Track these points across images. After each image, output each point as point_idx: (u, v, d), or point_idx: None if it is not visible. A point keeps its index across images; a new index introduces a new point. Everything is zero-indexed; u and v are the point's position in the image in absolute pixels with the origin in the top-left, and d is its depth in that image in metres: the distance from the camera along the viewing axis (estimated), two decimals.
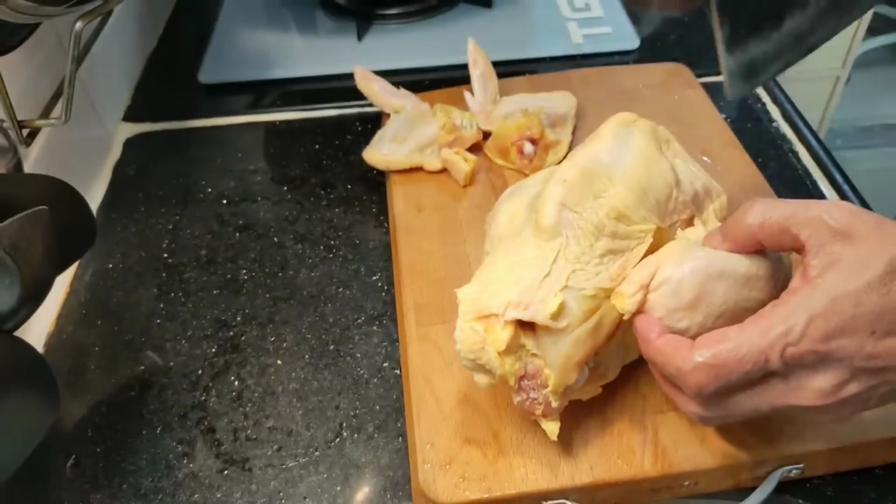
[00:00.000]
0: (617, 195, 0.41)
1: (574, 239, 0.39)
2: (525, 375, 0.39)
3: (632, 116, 0.45)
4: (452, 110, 0.64)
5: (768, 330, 0.35)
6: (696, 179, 0.45)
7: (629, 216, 0.41)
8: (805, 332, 0.34)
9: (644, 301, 0.39)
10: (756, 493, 0.43)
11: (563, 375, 0.39)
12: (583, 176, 0.41)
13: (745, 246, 0.39)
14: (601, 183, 0.41)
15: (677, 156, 0.46)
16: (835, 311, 0.34)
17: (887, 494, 0.44)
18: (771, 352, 0.34)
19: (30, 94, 0.57)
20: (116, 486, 0.46)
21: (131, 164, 0.70)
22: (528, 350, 0.39)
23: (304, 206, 0.64)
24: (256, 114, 0.75)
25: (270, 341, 0.54)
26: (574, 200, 0.40)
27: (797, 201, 0.38)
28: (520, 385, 0.40)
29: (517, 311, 0.38)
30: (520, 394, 0.40)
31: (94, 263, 0.60)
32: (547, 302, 0.38)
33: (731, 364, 0.35)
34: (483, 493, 0.41)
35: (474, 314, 0.39)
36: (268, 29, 0.85)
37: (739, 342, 0.35)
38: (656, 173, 0.42)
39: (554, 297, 0.38)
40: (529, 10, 0.86)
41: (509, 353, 0.39)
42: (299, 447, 0.47)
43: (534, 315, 0.38)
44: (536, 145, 0.60)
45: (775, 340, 0.34)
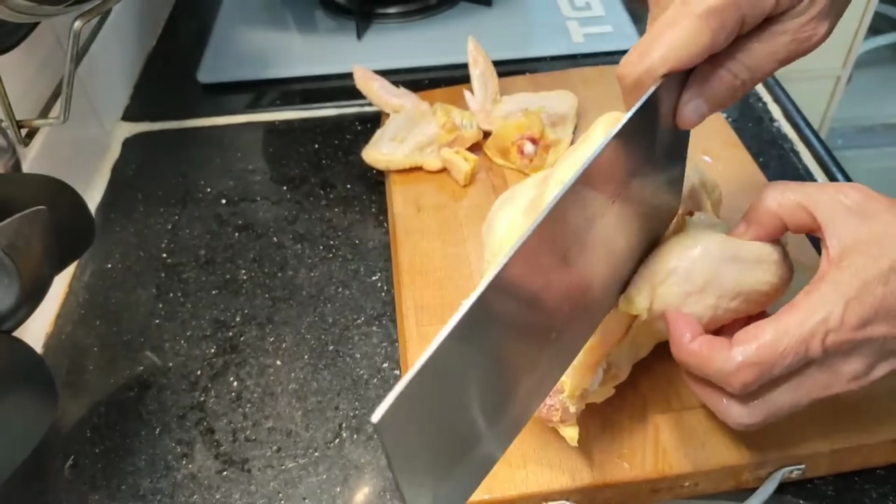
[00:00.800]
0: None
1: None
2: None
3: (620, 115, 0.44)
4: (452, 110, 0.63)
5: (806, 319, 0.34)
6: (690, 174, 0.45)
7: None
8: (844, 317, 0.34)
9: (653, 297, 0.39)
10: (757, 493, 0.42)
11: (577, 380, 0.39)
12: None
13: (770, 228, 0.39)
14: None
15: None
16: (869, 293, 0.34)
17: (888, 495, 0.44)
18: (812, 340, 0.34)
19: (28, 94, 0.57)
20: (115, 486, 0.46)
21: (130, 163, 0.69)
22: None
23: (304, 205, 0.64)
24: (255, 113, 0.74)
25: (270, 342, 0.54)
26: None
27: (811, 183, 0.38)
28: None
29: None
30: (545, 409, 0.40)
31: (92, 263, 0.60)
32: None
33: (773, 358, 0.35)
34: (483, 494, 0.41)
35: None
36: (267, 28, 0.85)
37: (778, 334, 0.35)
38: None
39: None
40: (529, 10, 0.86)
41: None
42: (298, 448, 0.47)
43: None
44: (537, 145, 0.60)
45: (816, 328, 0.34)
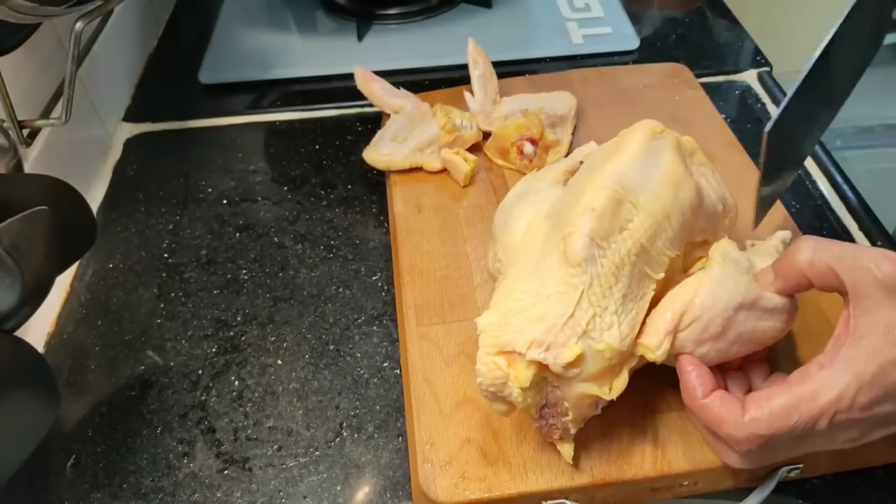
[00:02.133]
0: (641, 226, 0.39)
1: (597, 279, 0.38)
2: (546, 404, 0.39)
3: (659, 126, 0.43)
4: (452, 110, 0.64)
5: (818, 396, 0.35)
6: (717, 199, 0.44)
7: (649, 249, 0.39)
8: (855, 400, 0.35)
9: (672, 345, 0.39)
10: (756, 493, 0.43)
11: (578, 412, 0.39)
12: (611, 201, 0.39)
13: (795, 284, 0.39)
14: (627, 210, 0.39)
15: (702, 167, 0.45)
16: (883, 377, 0.34)
17: (887, 495, 0.44)
18: (822, 419, 0.35)
19: (30, 95, 0.57)
20: (117, 485, 0.46)
21: (131, 164, 0.70)
22: (550, 381, 0.39)
23: (305, 206, 0.64)
24: (256, 114, 0.75)
25: (271, 341, 0.54)
26: (602, 233, 0.38)
27: (848, 245, 0.38)
28: (541, 413, 0.40)
29: (539, 351, 0.37)
30: (540, 421, 0.40)
31: (94, 263, 0.60)
32: (568, 346, 0.37)
33: (781, 431, 0.36)
34: (483, 493, 0.41)
35: (496, 348, 0.38)
36: (268, 29, 0.85)
37: (790, 409, 0.36)
38: (683, 197, 0.41)
39: (574, 344, 0.37)
40: (529, 11, 0.86)
41: (532, 388, 0.38)
42: (299, 447, 0.48)
43: (553, 360, 0.37)
44: (536, 145, 0.60)
45: (826, 408, 0.35)
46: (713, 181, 0.45)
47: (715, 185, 0.44)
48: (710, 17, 0.84)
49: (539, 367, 0.37)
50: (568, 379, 0.38)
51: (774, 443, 0.37)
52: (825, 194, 0.62)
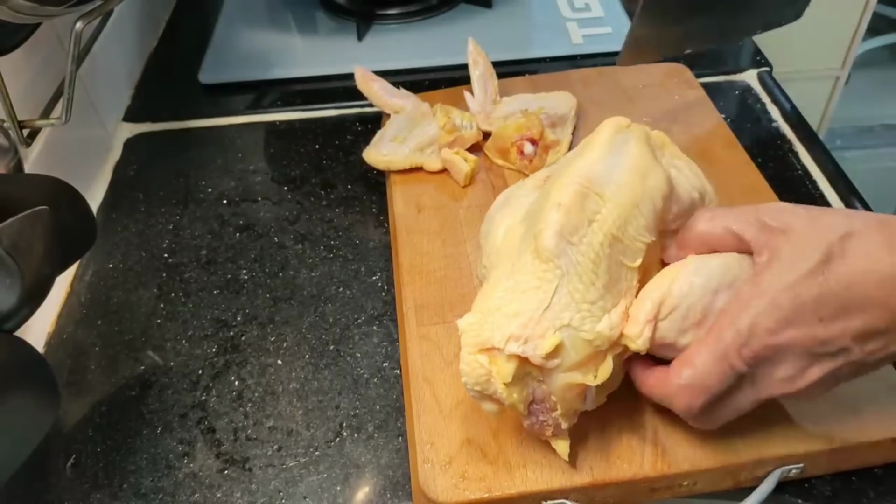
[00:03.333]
0: (609, 216, 0.39)
1: (577, 275, 0.38)
2: (534, 400, 0.39)
3: (625, 121, 0.44)
4: (452, 110, 0.64)
5: (720, 339, 0.37)
6: (692, 188, 0.44)
7: (621, 238, 0.39)
8: (751, 331, 0.36)
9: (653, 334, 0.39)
10: (756, 493, 0.43)
11: (565, 404, 0.39)
12: (577, 195, 0.39)
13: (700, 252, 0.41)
14: (593, 202, 0.40)
15: (674, 160, 0.45)
16: (775, 305, 0.36)
17: (887, 494, 0.44)
18: (731, 358, 0.37)
19: (30, 95, 0.57)
20: (117, 485, 0.46)
21: (132, 164, 0.70)
22: (535, 376, 0.39)
23: (305, 206, 0.64)
24: (257, 114, 0.75)
25: (271, 341, 0.54)
26: (571, 227, 0.39)
27: (739, 207, 0.40)
28: (529, 410, 0.40)
29: (517, 344, 0.37)
30: (530, 418, 0.40)
31: (94, 263, 0.60)
32: (545, 338, 0.37)
33: (706, 381, 0.37)
34: (483, 493, 0.41)
35: (477, 346, 0.38)
36: (268, 29, 0.85)
37: (703, 359, 0.37)
38: (651, 185, 0.41)
39: (552, 334, 0.37)
40: (529, 10, 0.86)
41: (516, 383, 0.38)
42: (299, 447, 0.48)
43: (532, 352, 0.37)
44: (536, 145, 0.60)
45: (729, 346, 0.37)
46: (688, 172, 0.45)
47: (690, 175, 0.45)
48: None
49: (520, 361, 0.38)
50: (550, 370, 0.38)
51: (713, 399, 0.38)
52: (825, 194, 0.62)
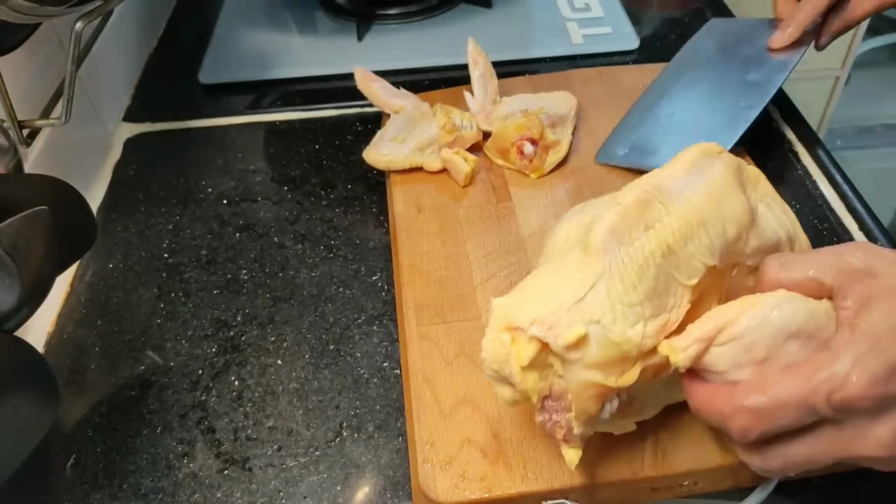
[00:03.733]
0: (669, 226, 0.37)
1: (618, 274, 0.37)
2: (549, 396, 0.38)
3: (717, 147, 0.42)
4: (452, 110, 0.64)
5: (811, 375, 0.33)
6: (780, 227, 0.42)
7: (678, 252, 0.37)
8: (851, 374, 0.33)
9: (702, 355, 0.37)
10: (756, 492, 0.43)
11: (580, 404, 0.37)
12: (639, 200, 0.38)
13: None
14: (656, 211, 0.38)
15: (766, 197, 0.43)
16: (880, 350, 0.33)
17: (887, 494, 0.44)
18: (815, 397, 0.33)
19: (30, 95, 0.57)
20: (116, 485, 0.46)
21: (131, 164, 0.70)
22: (556, 371, 0.37)
23: (305, 206, 0.64)
24: (256, 114, 0.75)
25: (271, 341, 0.54)
26: (625, 228, 0.37)
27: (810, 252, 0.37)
28: (543, 405, 0.38)
29: (541, 329, 0.36)
30: (542, 413, 0.39)
31: (94, 263, 0.60)
32: (571, 328, 0.36)
33: (772, 408, 0.34)
34: (483, 493, 0.41)
35: (503, 324, 0.37)
36: (268, 29, 0.85)
37: (781, 387, 0.34)
38: (727, 210, 0.38)
39: (578, 326, 0.36)
40: (529, 10, 0.86)
41: (533, 369, 0.37)
42: (299, 447, 0.48)
43: (553, 339, 0.36)
44: (536, 146, 0.60)
45: (819, 385, 0.33)
46: (780, 212, 0.43)
47: (781, 216, 0.42)
48: (709, 17, 0.85)
49: (541, 346, 0.36)
50: (570, 364, 0.37)
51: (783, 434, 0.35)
52: (825, 194, 0.62)
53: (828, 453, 0.35)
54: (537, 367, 0.37)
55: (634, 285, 0.36)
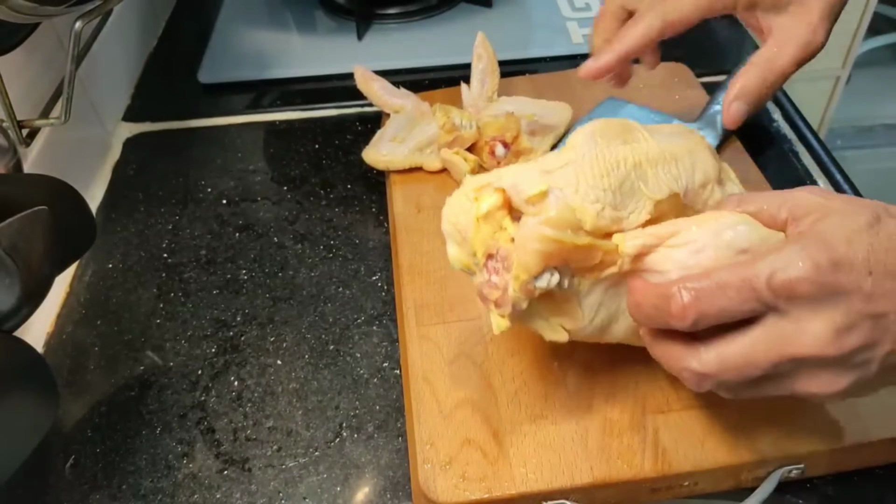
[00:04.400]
0: (643, 147, 0.40)
1: (589, 163, 0.38)
2: (495, 255, 0.38)
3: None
4: (452, 110, 0.63)
5: (755, 262, 0.33)
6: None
7: (646, 169, 0.39)
8: (795, 260, 0.33)
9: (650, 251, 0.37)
10: (757, 493, 0.43)
11: (524, 257, 0.37)
12: (623, 123, 0.41)
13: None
14: (636, 135, 0.40)
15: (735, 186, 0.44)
16: (826, 246, 0.33)
17: (888, 494, 0.44)
18: (757, 280, 0.33)
19: (29, 94, 0.57)
20: (116, 486, 0.46)
21: (131, 163, 0.70)
22: (508, 234, 0.38)
23: (304, 205, 0.64)
24: (256, 113, 0.75)
25: (270, 341, 0.54)
26: (606, 135, 0.40)
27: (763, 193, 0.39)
28: (486, 263, 0.39)
29: (506, 183, 0.38)
30: (483, 273, 0.39)
31: (93, 263, 0.60)
32: (535, 187, 0.37)
33: (712, 288, 0.34)
34: (483, 494, 0.41)
35: (472, 188, 0.40)
36: (267, 29, 0.85)
37: (723, 272, 0.34)
38: (699, 158, 0.41)
39: (543, 185, 0.37)
40: (529, 10, 0.86)
41: (488, 222, 0.38)
42: (299, 447, 0.47)
43: (516, 192, 0.38)
44: (508, 149, 0.60)
45: (761, 269, 0.33)
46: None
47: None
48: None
49: (502, 204, 0.38)
50: (525, 218, 0.38)
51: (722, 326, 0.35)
52: None
53: (766, 352, 0.34)
54: (492, 223, 0.38)
55: (602, 176, 0.38)
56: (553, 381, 0.46)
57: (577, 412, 0.44)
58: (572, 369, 0.46)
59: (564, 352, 0.47)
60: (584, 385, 0.46)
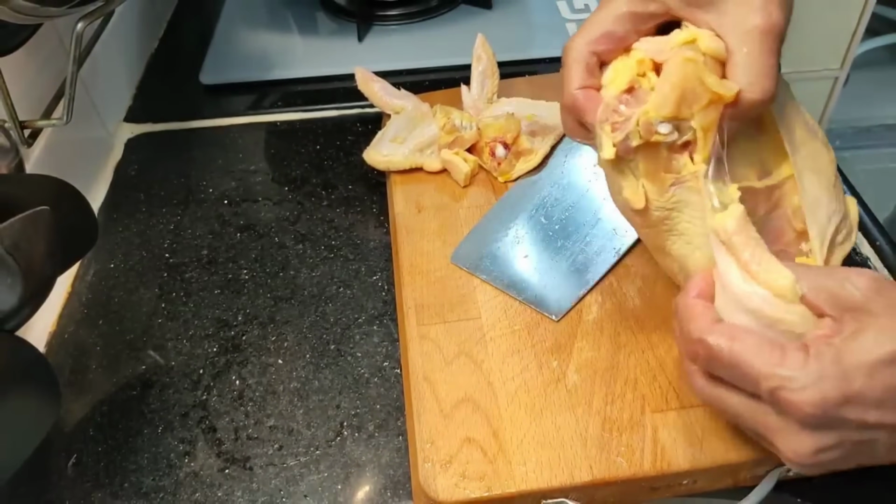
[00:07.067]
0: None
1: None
2: (634, 91, 0.41)
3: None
4: (452, 111, 0.64)
5: (776, 363, 0.34)
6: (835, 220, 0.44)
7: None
8: (807, 386, 0.33)
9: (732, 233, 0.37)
10: (755, 491, 0.43)
11: (656, 101, 0.40)
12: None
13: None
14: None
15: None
16: (844, 380, 0.33)
17: (887, 493, 0.44)
18: (765, 382, 0.34)
19: (31, 95, 0.57)
20: (118, 484, 0.46)
21: (133, 164, 0.70)
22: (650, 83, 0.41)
23: (305, 206, 0.64)
24: (257, 114, 0.75)
25: (271, 341, 0.54)
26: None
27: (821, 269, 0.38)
28: (621, 95, 0.41)
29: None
30: (614, 101, 0.41)
31: (95, 263, 0.60)
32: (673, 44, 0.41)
33: (725, 359, 0.35)
34: (483, 492, 0.41)
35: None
36: (268, 30, 0.85)
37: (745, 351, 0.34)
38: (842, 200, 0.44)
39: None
40: (529, 12, 0.86)
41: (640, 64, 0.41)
42: (300, 446, 0.48)
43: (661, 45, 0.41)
44: (509, 150, 0.60)
45: (774, 375, 0.34)
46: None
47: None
48: None
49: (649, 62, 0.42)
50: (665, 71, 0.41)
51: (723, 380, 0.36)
52: None
53: (752, 423, 0.36)
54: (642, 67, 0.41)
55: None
56: (553, 380, 0.46)
57: (577, 411, 0.44)
58: (572, 368, 0.47)
59: (564, 351, 0.48)
60: (583, 384, 0.46)
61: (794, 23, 0.69)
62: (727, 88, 0.39)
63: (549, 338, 0.49)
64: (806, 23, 1.16)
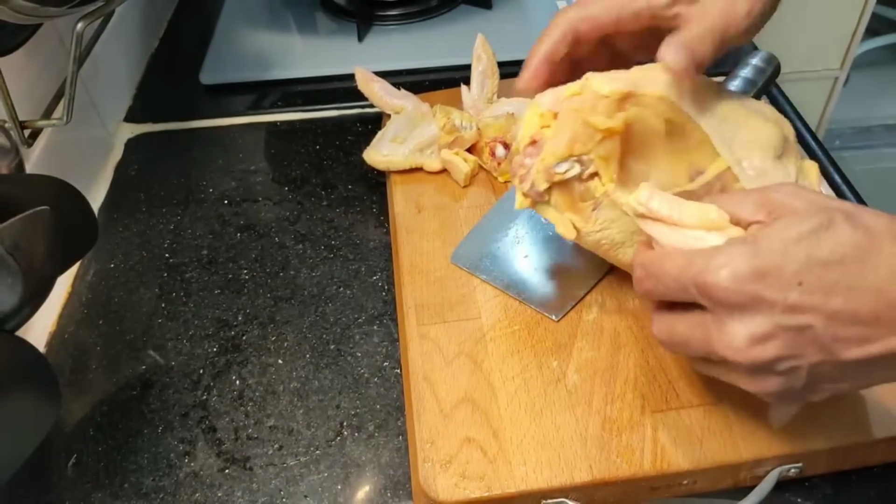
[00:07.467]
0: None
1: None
2: (535, 142, 0.44)
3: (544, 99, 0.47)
4: (452, 111, 0.64)
5: (694, 256, 0.35)
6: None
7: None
8: (723, 266, 0.34)
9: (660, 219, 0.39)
10: (755, 491, 0.43)
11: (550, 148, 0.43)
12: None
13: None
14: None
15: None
16: (755, 255, 0.34)
17: (886, 493, 0.44)
18: (686, 275, 0.35)
19: (31, 95, 0.57)
20: (118, 484, 0.46)
21: (133, 164, 0.70)
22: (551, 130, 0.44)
23: (305, 206, 0.64)
24: (257, 114, 0.75)
25: (271, 341, 0.54)
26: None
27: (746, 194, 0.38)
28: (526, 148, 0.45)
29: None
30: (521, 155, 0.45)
31: (95, 263, 0.60)
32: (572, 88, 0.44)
33: (655, 271, 0.37)
34: (483, 492, 0.41)
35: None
36: (268, 30, 0.85)
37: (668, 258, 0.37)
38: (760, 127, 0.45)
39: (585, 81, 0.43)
40: (529, 12, 0.86)
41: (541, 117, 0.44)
42: (300, 446, 0.48)
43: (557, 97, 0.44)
44: (508, 150, 0.60)
45: (693, 266, 0.35)
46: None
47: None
48: None
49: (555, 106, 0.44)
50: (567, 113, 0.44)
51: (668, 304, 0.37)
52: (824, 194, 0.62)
53: (699, 341, 0.36)
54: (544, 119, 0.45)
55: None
56: (553, 380, 0.46)
57: (577, 411, 0.44)
58: (571, 368, 0.47)
59: (564, 351, 0.48)
60: (583, 384, 0.46)
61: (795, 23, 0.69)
62: (615, 122, 0.43)
63: (549, 338, 0.49)
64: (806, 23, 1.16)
